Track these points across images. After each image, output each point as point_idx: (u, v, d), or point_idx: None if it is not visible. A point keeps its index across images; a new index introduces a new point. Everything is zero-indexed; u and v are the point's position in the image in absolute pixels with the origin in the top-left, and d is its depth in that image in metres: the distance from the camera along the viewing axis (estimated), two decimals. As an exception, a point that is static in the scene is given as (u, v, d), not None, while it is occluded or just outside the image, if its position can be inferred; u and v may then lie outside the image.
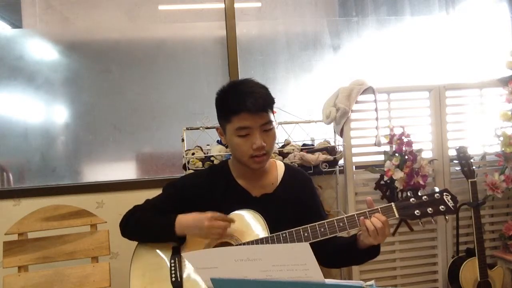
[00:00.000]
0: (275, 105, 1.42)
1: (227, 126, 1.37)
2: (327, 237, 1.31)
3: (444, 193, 1.30)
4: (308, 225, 1.31)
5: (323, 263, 1.44)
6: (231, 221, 1.36)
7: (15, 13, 2.56)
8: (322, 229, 1.30)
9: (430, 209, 1.28)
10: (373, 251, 1.35)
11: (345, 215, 1.31)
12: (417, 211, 1.28)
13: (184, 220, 1.38)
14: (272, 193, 1.47)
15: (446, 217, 1.31)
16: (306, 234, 1.30)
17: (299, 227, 1.32)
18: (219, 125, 1.45)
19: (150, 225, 1.44)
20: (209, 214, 1.34)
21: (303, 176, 1.55)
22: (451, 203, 1.28)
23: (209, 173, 1.53)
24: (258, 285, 0.93)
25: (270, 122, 1.36)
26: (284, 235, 1.32)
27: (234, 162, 1.50)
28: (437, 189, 1.32)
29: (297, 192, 1.49)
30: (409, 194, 1.31)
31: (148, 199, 1.54)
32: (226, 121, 1.37)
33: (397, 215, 1.29)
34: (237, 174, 1.49)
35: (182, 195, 1.48)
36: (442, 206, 1.28)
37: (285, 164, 1.56)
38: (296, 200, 1.47)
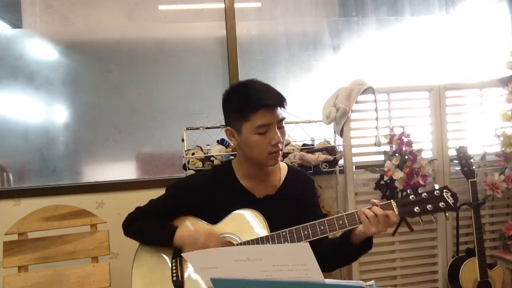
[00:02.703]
0: None
1: (244, 125, 1.36)
2: (327, 234, 1.31)
3: (444, 190, 1.30)
4: (308, 224, 1.31)
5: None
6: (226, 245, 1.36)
7: (15, 13, 2.56)
8: (322, 227, 1.30)
9: (430, 206, 1.28)
10: (366, 245, 1.35)
11: (345, 213, 1.32)
12: (417, 208, 1.28)
13: (182, 236, 1.39)
14: (275, 194, 1.48)
15: (447, 214, 1.31)
16: (306, 232, 1.30)
17: (299, 226, 1.32)
18: (227, 126, 1.43)
19: (150, 235, 1.45)
20: (207, 234, 1.36)
21: (305, 177, 1.55)
22: (451, 200, 1.28)
23: (212, 174, 1.53)
24: (258, 285, 0.93)
25: (284, 118, 1.39)
26: (284, 233, 1.32)
27: (239, 162, 1.49)
28: (437, 186, 1.32)
29: (298, 193, 1.49)
30: (408, 192, 1.31)
31: (152, 199, 1.54)
32: (243, 120, 1.36)
33: (396, 212, 1.29)
34: (240, 175, 1.48)
35: (184, 197, 1.48)
36: (442, 203, 1.28)
37: (288, 166, 1.56)
38: (297, 201, 1.48)
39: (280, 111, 1.37)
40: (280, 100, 1.36)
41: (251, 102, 1.34)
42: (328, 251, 1.39)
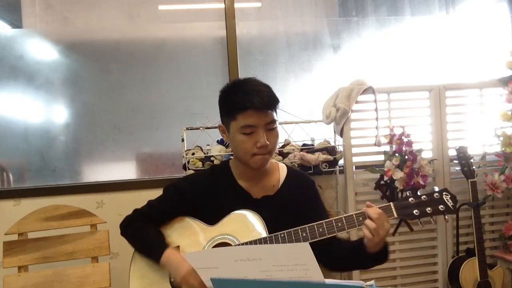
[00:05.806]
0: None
1: (232, 123, 1.36)
2: (325, 237, 1.29)
3: (444, 193, 1.29)
4: (306, 225, 1.31)
5: (330, 267, 1.44)
6: None
7: (15, 13, 2.56)
8: (321, 230, 1.29)
9: (429, 208, 1.27)
10: (381, 255, 1.31)
11: (343, 215, 1.31)
12: (416, 210, 1.27)
13: (169, 258, 1.35)
14: (273, 195, 1.47)
15: (446, 217, 1.30)
16: (304, 234, 1.29)
17: (297, 227, 1.31)
18: (221, 122, 1.44)
19: (141, 248, 1.45)
20: (191, 269, 1.24)
21: (305, 179, 1.54)
22: (450, 203, 1.27)
23: (210, 173, 1.53)
24: (258, 285, 0.93)
25: (274, 121, 1.36)
26: (282, 235, 1.31)
27: (235, 162, 1.49)
28: (436, 189, 1.31)
29: (298, 195, 1.48)
30: (408, 194, 1.30)
31: (150, 201, 1.53)
32: (231, 118, 1.36)
33: (395, 215, 1.28)
34: (238, 174, 1.48)
35: (182, 197, 1.48)
36: (442, 206, 1.27)
37: (288, 167, 1.55)
38: (297, 203, 1.46)
39: (272, 113, 1.34)
40: (269, 102, 1.33)
41: (238, 101, 1.32)
42: (343, 255, 1.39)
